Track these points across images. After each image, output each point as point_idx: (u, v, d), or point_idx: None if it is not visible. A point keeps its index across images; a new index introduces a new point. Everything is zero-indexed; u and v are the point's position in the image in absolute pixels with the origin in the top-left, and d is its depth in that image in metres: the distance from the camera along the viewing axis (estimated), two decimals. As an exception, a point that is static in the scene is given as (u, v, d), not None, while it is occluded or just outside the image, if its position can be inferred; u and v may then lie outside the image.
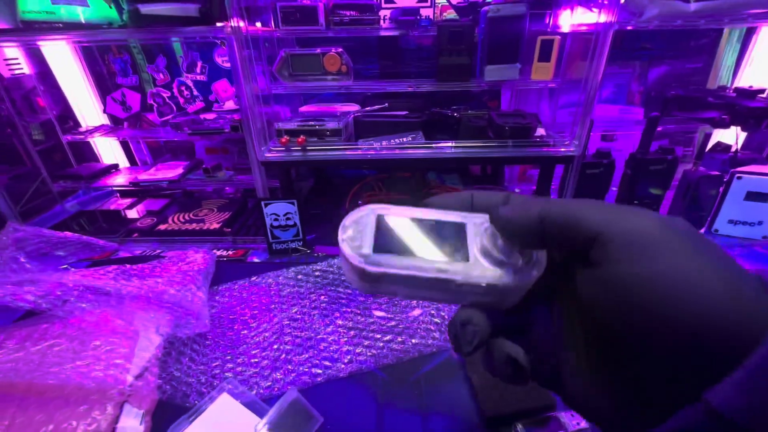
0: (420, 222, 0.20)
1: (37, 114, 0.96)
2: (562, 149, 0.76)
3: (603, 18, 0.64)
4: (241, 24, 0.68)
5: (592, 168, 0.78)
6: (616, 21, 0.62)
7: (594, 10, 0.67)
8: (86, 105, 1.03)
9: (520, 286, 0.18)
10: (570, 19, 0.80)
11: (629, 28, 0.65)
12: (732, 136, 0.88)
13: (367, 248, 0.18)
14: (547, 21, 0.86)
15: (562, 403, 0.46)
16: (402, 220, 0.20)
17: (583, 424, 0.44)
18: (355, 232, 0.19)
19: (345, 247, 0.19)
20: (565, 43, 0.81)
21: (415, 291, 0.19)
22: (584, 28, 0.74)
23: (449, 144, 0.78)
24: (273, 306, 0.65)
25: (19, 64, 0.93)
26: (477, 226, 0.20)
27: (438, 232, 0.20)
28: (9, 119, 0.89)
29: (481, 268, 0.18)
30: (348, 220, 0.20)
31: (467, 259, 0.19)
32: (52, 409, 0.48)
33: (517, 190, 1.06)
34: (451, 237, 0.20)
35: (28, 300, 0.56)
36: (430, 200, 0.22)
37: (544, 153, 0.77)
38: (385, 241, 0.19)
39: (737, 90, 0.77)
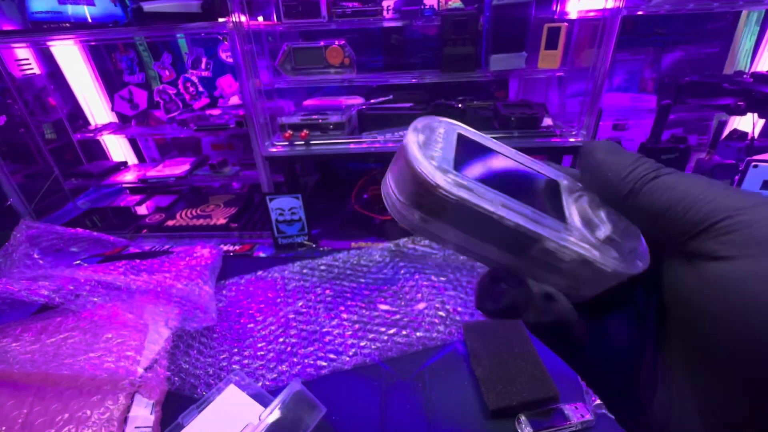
0: (507, 159, 0.16)
1: (49, 113, 0.98)
2: (570, 139, 0.75)
3: (610, 3, 0.62)
4: (243, 18, 0.68)
5: (600, 158, 0.76)
6: (624, 6, 0.60)
7: (602, -5, 0.65)
8: (95, 103, 1.05)
9: (617, 275, 0.14)
10: (577, 6, 0.77)
11: (639, 13, 0.63)
12: (748, 124, 0.85)
13: (447, 163, 0.14)
14: (554, 8, 0.83)
15: (566, 396, 0.46)
16: (486, 149, 0.16)
17: (587, 416, 0.43)
18: (429, 140, 0.14)
19: (416, 152, 0.14)
20: (572, 30, 0.79)
21: (474, 242, 0.15)
22: (592, 14, 0.72)
23: (454, 136, 0.77)
24: (279, 300, 0.66)
25: (29, 64, 0.95)
26: (574, 185, 0.16)
27: (527, 178, 0.16)
28: (22, 119, 0.91)
29: (581, 236, 0.14)
30: (419, 123, 0.15)
31: (564, 221, 0.15)
32: (68, 398, 0.49)
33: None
34: (544, 190, 0.16)
35: (43, 294, 0.57)
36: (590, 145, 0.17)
37: (550, 143, 0.75)
38: (465, 164, 0.14)
39: (754, 75, 0.74)
